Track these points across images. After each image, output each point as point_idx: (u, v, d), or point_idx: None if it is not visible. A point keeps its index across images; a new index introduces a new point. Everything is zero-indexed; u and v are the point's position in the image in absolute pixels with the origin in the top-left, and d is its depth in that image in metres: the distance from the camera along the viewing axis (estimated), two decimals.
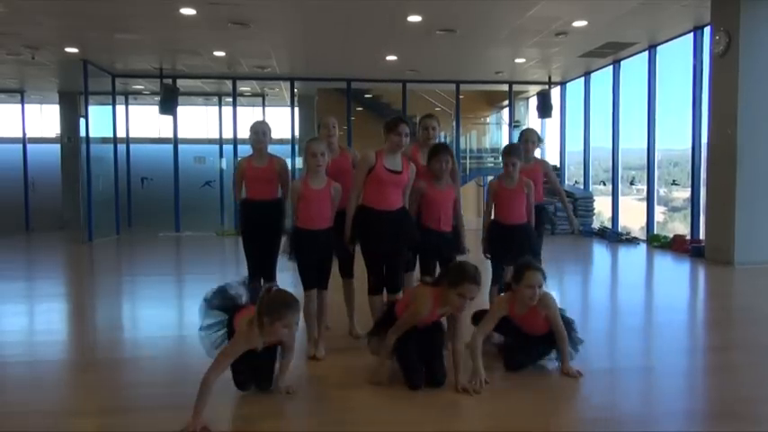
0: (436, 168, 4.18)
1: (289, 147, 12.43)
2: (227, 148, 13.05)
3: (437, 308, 3.54)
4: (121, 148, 12.81)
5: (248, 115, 15.60)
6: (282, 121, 13.34)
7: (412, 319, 3.54)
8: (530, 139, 5.28)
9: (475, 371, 3.55)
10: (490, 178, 4.69)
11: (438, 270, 4.19)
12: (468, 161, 15.11)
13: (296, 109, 13.08)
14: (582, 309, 5.98)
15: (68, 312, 5.95)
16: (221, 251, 10.08)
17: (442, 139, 18.08)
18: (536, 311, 3.81)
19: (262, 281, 4.52)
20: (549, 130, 14.36)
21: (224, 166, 13.72)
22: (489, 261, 4.62)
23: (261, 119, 4.86)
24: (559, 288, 7.00)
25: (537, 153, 5.60)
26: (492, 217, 4.66)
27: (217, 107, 14.37)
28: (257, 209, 4.59)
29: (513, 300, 3.82)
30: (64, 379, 3.94)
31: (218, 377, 3.05)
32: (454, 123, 13.34)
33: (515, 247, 4.41)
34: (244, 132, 13.18)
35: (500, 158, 4.81)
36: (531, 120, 15.34)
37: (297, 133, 13.08)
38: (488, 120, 18.02)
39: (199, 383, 2.94)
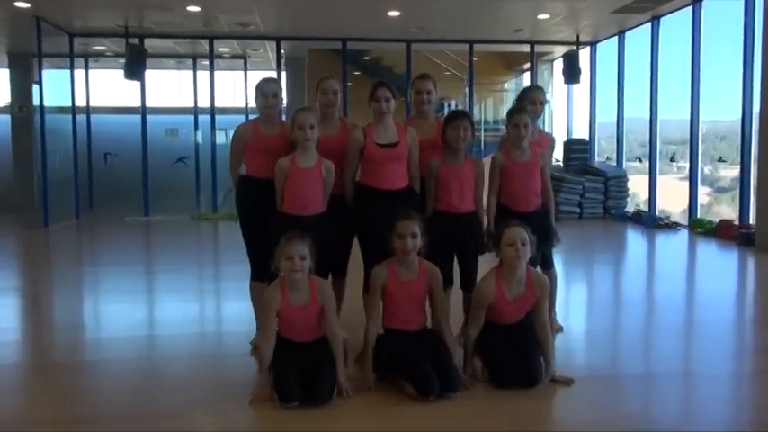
0: (452, 138, 4.04)
1: None
2: (204, 118, 12.99)
3: (394, 269, 3.69)
4: (81, 118, 12.77)
5: (227, 80, 15.54)
6: None
7: (373, 294, 3.71)
8: (537, 100, 4.66)
9: (467, 358, 3.77)
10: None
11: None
12: (483, 134, 15.08)
13: (283, 73, 13.02)
14: (614, 304, 5.99)
15: (21, 309, 5.97)
16: (197, 238, 10.09)
17: (453, 108, 18.01)
18: (530, 294, 3.76)
19: None
20: (577, 97, 14.31)
21: (200, 139, 13.69)
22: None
23: (270, 76, 4.44)
24: (588, 280, 7.02)
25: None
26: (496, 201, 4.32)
27: (191, 71, 14.29)
28: (263, 188, 4.12)
29: (500, 275, 3.76)
30: (17, 384, 3.97)
31: (268, 341, 3.50)
32: (467, 90, 13.28)
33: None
34: (222, 100, 13.18)
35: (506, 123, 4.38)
36: (557, 86, 15.29)
37: (284, 102, 13.03)
38: (506, 86, 17.94)
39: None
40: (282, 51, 12.74)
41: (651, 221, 10.44)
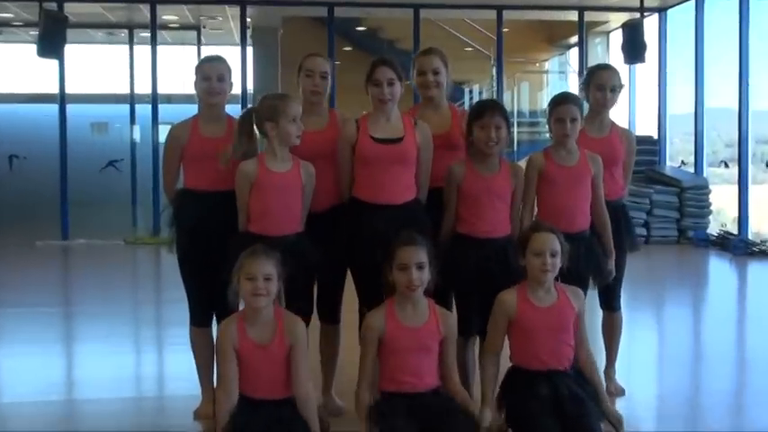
0: (481, 141, 4.02)
1: (239, 107, 12.41)
2: (143, 109, 13.04)
3: (394, 313, 3.72)
4: None
5: (176, 58, 15.61)
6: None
7: (366, 350, 3.74)
8: (608, 84, 4.63)
9: (483, 401, 3.85)
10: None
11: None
12: (516, 128, 15.10)
13: (249, 49, 13.06)
14: (693, 359, 6.01)
15: None
16: (132, 268, 10.10)
17: (475, 96, 18.02)
18: (565, 304, 3.84)
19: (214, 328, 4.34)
20: (641, 81, 14.35)
21: (137, 136, 13.72)
22: None
23: (213, 54, 4.54)
24: (658, 327, 7.00)
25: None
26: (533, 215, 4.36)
27: (127, 46, 14.37)
28: (204, 205, 4.21)
29: (524, 286, 3.87)
30: None
31: (227, 394, 3.54)
32: (495, 71, 13.34)
33: (577, 266, 4.08)
34: (168, 85, 13.22)
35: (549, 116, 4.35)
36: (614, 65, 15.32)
37: (251, 86, 13.06)
38: (547, 66, 18.02)
39: None
40: (249, 20, 12.79)
41: (741, 247, 10.42)
